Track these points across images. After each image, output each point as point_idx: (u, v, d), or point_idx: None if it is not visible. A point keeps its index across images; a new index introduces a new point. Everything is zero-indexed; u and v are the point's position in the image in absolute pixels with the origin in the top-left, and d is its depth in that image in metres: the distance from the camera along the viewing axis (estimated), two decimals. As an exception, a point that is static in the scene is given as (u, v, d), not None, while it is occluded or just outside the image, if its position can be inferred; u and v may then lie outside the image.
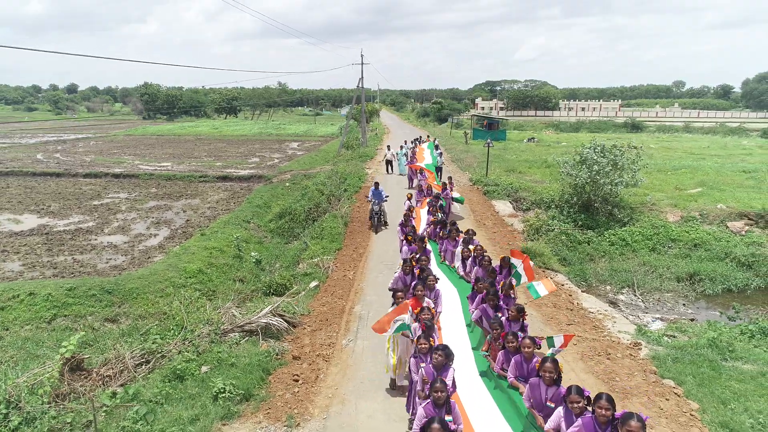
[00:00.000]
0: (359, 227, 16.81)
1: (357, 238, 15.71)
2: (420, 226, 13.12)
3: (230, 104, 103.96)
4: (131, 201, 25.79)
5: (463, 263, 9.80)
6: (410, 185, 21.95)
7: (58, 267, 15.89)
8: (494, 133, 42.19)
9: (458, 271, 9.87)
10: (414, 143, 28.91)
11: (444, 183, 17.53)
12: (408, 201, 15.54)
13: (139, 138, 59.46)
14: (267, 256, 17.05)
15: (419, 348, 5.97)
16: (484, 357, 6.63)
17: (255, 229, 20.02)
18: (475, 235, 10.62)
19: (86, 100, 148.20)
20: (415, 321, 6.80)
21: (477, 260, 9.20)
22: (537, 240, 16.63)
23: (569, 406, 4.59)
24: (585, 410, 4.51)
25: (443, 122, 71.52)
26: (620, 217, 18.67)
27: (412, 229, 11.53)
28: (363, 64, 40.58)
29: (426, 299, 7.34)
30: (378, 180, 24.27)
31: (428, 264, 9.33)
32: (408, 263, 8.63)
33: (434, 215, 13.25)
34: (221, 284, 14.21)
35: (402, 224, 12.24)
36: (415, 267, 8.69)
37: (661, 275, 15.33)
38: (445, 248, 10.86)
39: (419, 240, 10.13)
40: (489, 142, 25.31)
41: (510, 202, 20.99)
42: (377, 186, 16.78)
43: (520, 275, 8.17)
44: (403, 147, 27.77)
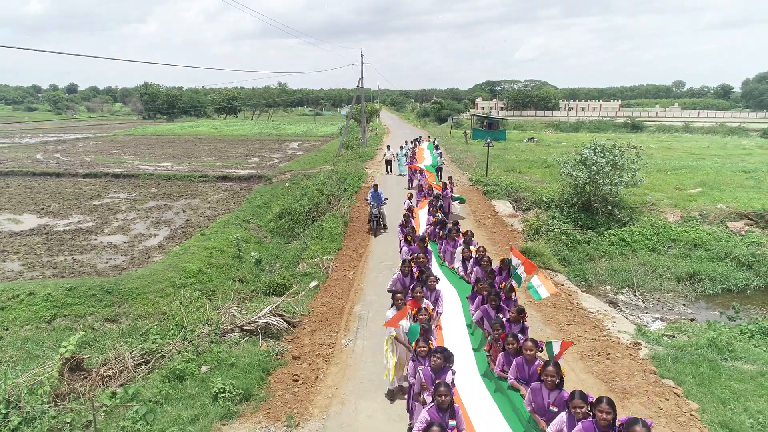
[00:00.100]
0: (359, 227, 16.81)
1: (357, 238, 15.72)
2: (419, 227, 13.10)
3: (230, 104, 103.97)
4: (131, 201, 25.79)
5: (464, 264, 9.71)
6: (410, 185, 21.95)
7: (58, 267, 15.89)
8: (494, 133, 42.21)
9: (458, 272, 9.77)
10: (414, 143, 28.93)
11: (444, 183, 17.50)
12: (408, 201, 15.52)
13: (139, 138, 59.46)
14: (267, 256, 17.05)
15: (418, 351, 5.91)
16: (485, 357, 6.58)
17: (255, 229, 20.02)
18: (474, 236, 10.60)
19: (86, 100, 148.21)
20: (413, 322, 6.72)
21: (477, 261, 9.15)
22: (537, 240, 16.64)
23: (572, 411, 4.55)
24: (588, 416, 4.48)
25: (443, 122, 71.55)
26: (620, 217, 18.67)
27: (412, 230, 11.45)
28: (363, 64, 40.63)
29: (425, 300, 7.25)
30: (378, 180, 24.19)
31: (428, 264, 9.26)
32: (406, 264, 8.52)
33: (434, 216, 13.13)
34: (221, 284, 14.21)
35: (402, 224, 12.19)
36: (414, 268, 8.60)
37: (661, 275, 15.33)
38: (444, 249, 10.80)
39: (420, 240, 9.98)
40: (489, 142, 25.33)
41: (510, 202, 21.00)
42: (376, 188, 16.28)
43: (520, 277, 8.11)
44: (404, 147, 27.78)
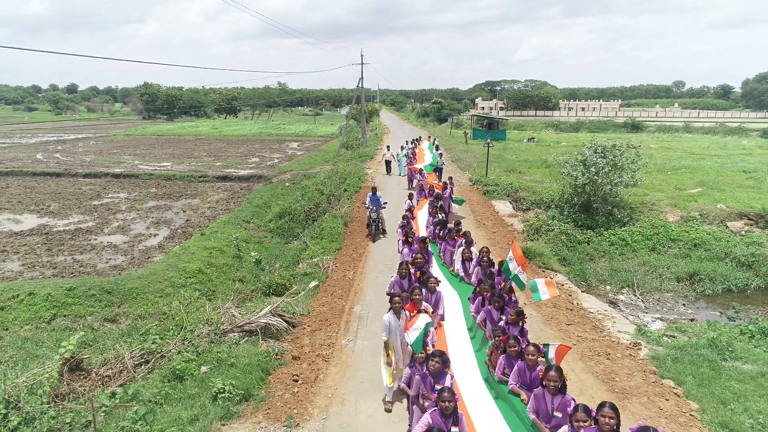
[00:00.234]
0: (359, 227, 16.80)
1: (357, 238, 15.71)
2: (419, 227, 13.07)
3: (230, 104, 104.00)
4: (131, 201, 25.78)
5: (464, 265, 9.57)
6: (410, 186, 21.94)
7: (58, 267, 15.88)
8: (494, 133, 42.22)
9: (459, 273, 9.64)
10: (414, 143, 28.96)
11: (444, 182, 17.50)
12: (409, 201, 15.50)
13: (139, 138, 59.46)
14: (267, 256, 17.04)
15: (415, 357, 5.80)
16: (485, 363, 6.43)
17: (255, 229, 20.01)
18: (471, 236, 10.53)
19: (86, 100, 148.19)
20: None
21: (479, 261, 9.05)
22: (537, 240, 16.63)
23: (575, 425, 4.42)
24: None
25: (443, 122, 71.57)
26: (620, 217, 18.66)
27: (411, 231, 11.39)
28: (363, 64, 40.65)
29: (424, 303, 7.10)
30: (377, 181, 24.20)
31: (428, 266, 9.14)
32: (404, 266, 8.31)
33: (434, 216, 12.99)
34: (221, 284, 14.20)
35: (402, 225, 12.12)
36: (413, 270, 8.42)
37: (661, 275, 15.32)
38: (444, 249, 10.75)
39: (421, 242, 9.73)
40: (489, 142, 25.32)
41: (510, 202, 21.00)
42: (375, 192, 15.75)
43: (520, 278, 8.04)
44: (404, 147, 27.79)
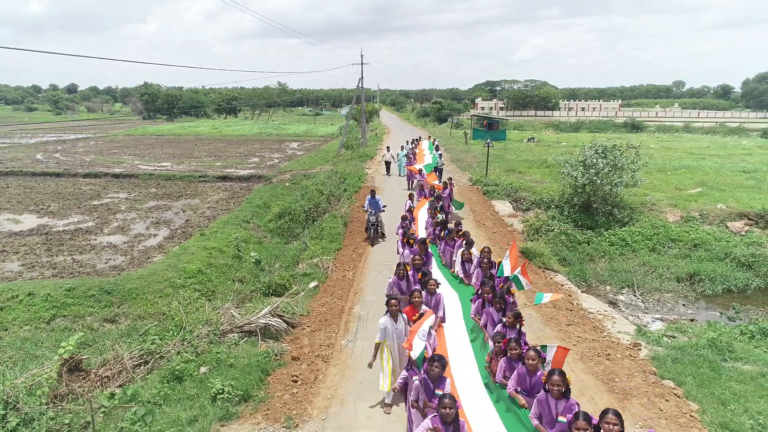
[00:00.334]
0: (359, 227, 16.78)
1: (356, 238, 15.70)
2: (419, 227, 13.04)
3: (230, 104, 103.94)
4: (131, 201, 25.78)
5: (463, 266, 9.48)
6: (410, 186, 21.93)
7: (58, 267, 15.87)
8: (494, 133, 42.21)
9: (458, 274, 9.56)
10: (413, 144, 28.97)
11: (444, 182, 17.49)
12: (409, 201, 15.47)
13: (139, 138, 59.46)
14: (266, 257, 17.03)
15: (412, 360, 5.70)
16: (486, 368, 6.31)
17: (254, 229, 20.00)
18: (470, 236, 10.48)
19: (86, 100, 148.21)
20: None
21: (480, 262, 8.99)
22: (537, 240, 16.62)
23: None
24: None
25: (443, 122, 71.56)
26: (620, 217, 18.65)
27: (411, 231, 11.33)
28: (363, 64, 40.65)
29: (423, 306, 7.01)
30: (377, 182, 24.16)
31: (427, 267, 9.06)
32: (401, 267, 8.19)
33: (433, 217, 12.83)
34: (220, 284, 14.19)
35: (402, 226, 12.06)
36: (411, 271, 8.32)
37: (661, 275, 15.32)
38: (444, 249, 10.71)
39: (420, 243, 9.62)
40: (489, 142, 25.31)
41: (510, 202, 20.99)
42: (373, 194, 15.45)
43: (519, 279, 8.04)
44: (404, 147, 27.78)
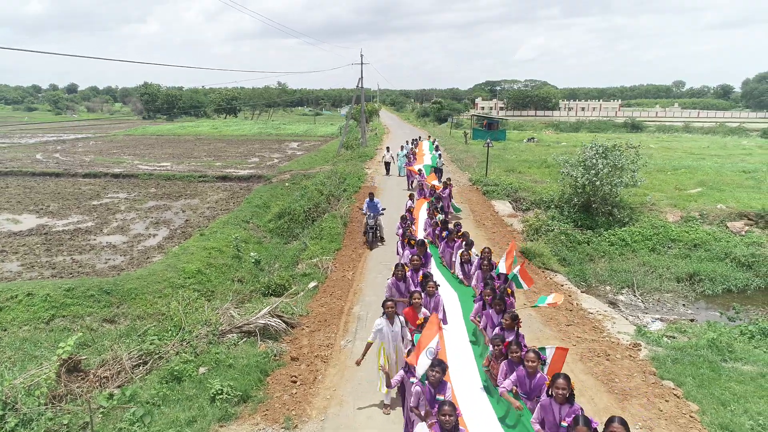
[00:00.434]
0: (358, 227, 16.75)
1: (356, 238, 15.68)
2: (418, 228, 13.02)
3: (230, 104, 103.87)
4: (130, 201, 25.76)
5: (462, 267, 9.42)
6: (410, 186, 21.92)
7: (57, 267, 15.85)
8: (494, 133, 42.19)
9: (458, 275, 9.52)
10: (413, 144, 28.97)
11: (445, 182, 17.50)
12: (409, 201, 15.46)
13: (139, 138, 59.43)
14: (266, 257, 17.01)
15: (409, 362, 5.61)
16: (485, 372, 6.20)
17: (254, 229, 19.99)
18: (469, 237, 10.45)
19: (86, 100, 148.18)
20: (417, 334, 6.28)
21: (480, 264, 8.93)
22: (536, 240, 16.60)
23: None
24: None
25: (443, 122, 71.52)
26: (620, 217, 18.63)
27: (411, 232, 11.29)
28: (362, 64, 40.61)
29: (423, 309, 6.93)
30: (377, 182, 24.12)
31: (426, 268, 9.01)
32: (399, 268, 8.14)
33: (432, 217, 12.73)
34: (220, 285, 14.17)
35: (401, 226, 11.98)
36: (409, 272, 8.25)
37: (661, 275, 15.30)
38: (443, 250, 10.67)
39: (419, 245, 9.53)
40: (489, 142, 25.28)
41: (509, 202, 20.97)
42: (372, 197, 15.10)
43: (519, 278, 8.04)
44: (404, 148, 27.76)
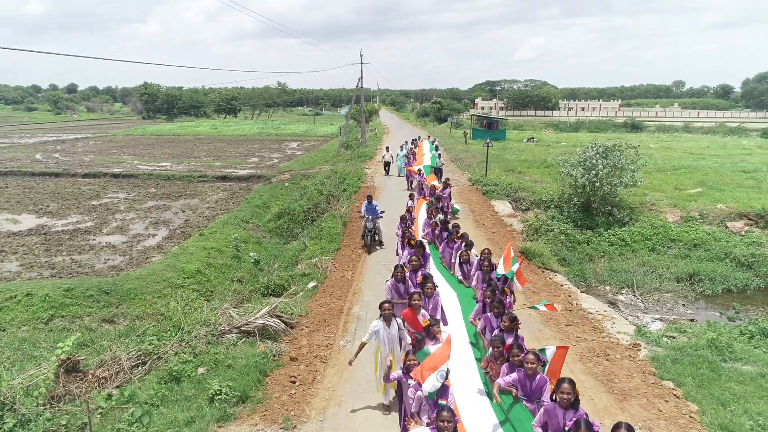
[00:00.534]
0: (358, 227, 16.74)
1: (356, 238, 15.66)
2: (418, 228, 12.99)
3: (230, 104, 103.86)
4: (130, 201, 25.74)
5: (462, 268, 9.37)
6: (409, 186, 21.90)
7: (56, 267, 15.84)
8: (494, 133, 42.18)
9: (457, 276, 9.47)
10: (413, 143, 28.95)
11: (445, 181, 17.50)
12: (410, 201, 15.46)
13: (139, 138, 59.42)
14: (265, 257, 17.00)
15: (407, 365, 5.49)
16: (485, 376, 6.08)
17: (254, 229, 19.97)
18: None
19: (86, 100, 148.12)
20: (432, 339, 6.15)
21: (480, 264, 8.90)
22: (536, 240, 16.59)
23: None
24: None
25: (443, 122, 71.49)
26: (620, 217, 18.60)
27: (411, 232, 11.26)
28: (362, 64, 40.64)
29: (422, 311, 6.88)
30: (377, 182, 24.07)
31: (425, 269, 8.97)
32: (399, 269, 8.09)
33: (431, 218, 12.61)
34: (219, 285, 14.16)
35: (401, 226, 11.93)
36: (408, 272, 8.20)
37: (661, 275, 15.28)
38: (443, 251, 10.64)
39: (418, 246, 9.49)
40: (488, 142, 25.26)
41: (509, 202, 20.95)
42: (370, 200, 14.75)
43: (513, 273, 8.04)
44: (403, 148, 27.74)
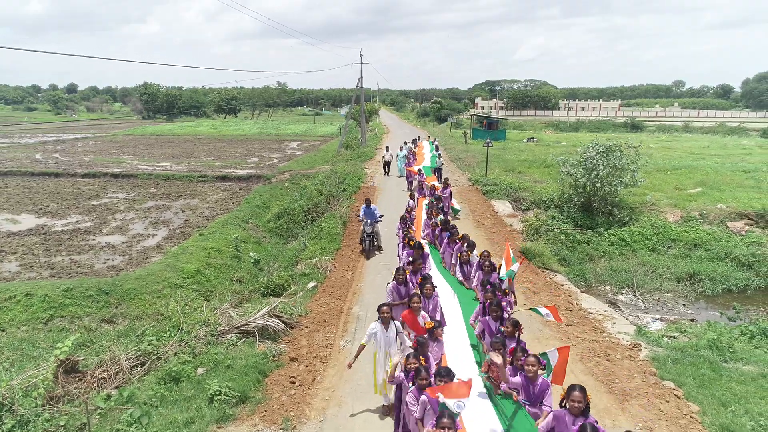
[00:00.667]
0: (358, 227, 16.72)
1: (356, 238, 15.62)
2: (419, 228, 12.96)
3: (230, 104, 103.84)
4: (130, 201, 25.72)
5: (461, 268, 9.34)
6: (409, 187, 21.87)
7: (56, 267, 15.81)
8: (494, 133, 42.17)
9: (457, 276, 9.47)
10: (413, 143, 28.94)
11: (445, 181, 17.49)
12: (411, 201, 15.43)
13: (139, 138, 59.38)
14: (265, 257, 16.97)
15: (407, 368, 5.41)
16: (485, 379, 5.96)
17: (253, 229, 19.95)
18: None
19: (86, 100, 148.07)
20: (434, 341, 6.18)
21: (480, 265, 8.86)
22: (536, 240, 16.57)
23: None
24: None
25: (443, 122, 71.48)
26: (620, 217, 18.59)
27: (410, 232, 11.24)
28: (362, 64, 40.62)
29: (422, 313, 6.83)
30: (376, 182, 24.03)
31: (425, 270, 8.94)
32: (401, 272, 8.02)
33: (431, 218, 12.58)
34: (219, 285, 14.14)
35: (401, 226, 11.92)
36: (409, 275, 8.15)
37: (661, 275, 15.26)
38: (444, 251, 10.62)
39: (417, 247, 9.42)
40: (488, 142, 25.23)
41: (509, 202, 20.92)
42: (369, 204, 14.37)
43: (514, 272, 8.02)
44: (403, 148, 27.72)
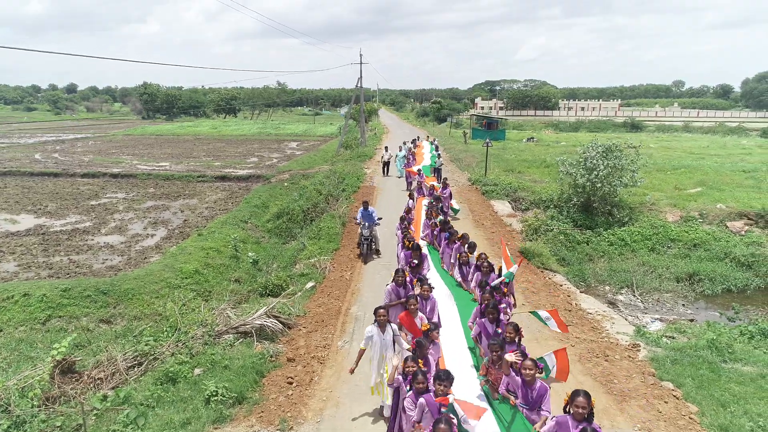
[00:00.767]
0: (357, 227, 16.69)
1: (355, 238, 15.60)
2: (418, 228, 12.94)
3: (229, 104, 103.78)
4: (129, 201, 25.69)
5: (461, 269, 9.31)
6: (408, 187, 21.84)
7: (54, 267, 15.79)
8: (493, 133, 42.17)
9: (456, 277, 9.43)
10: (413, 143, 28.92)
11: (445, 179, 17.49)
12: (410, 201, 15.41)
13: (138, 138, 59.35)
14: (264, 257, 16.94)
15: (405, 371, 5.37)
16: (484, 383, 5.98)
17: (252, 229, 19.92)
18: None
19: (86, 100, 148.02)
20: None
21: (478, 267, 8.82)
22: (536, 240, 16.54)
23: None
24: None
25: (442, 122, 71.49)
26: (619, 217, 18.57)
27: (410, 233, 11.21)
28: (362, 64, 40.59)
29: (419, 314, 6.81)
30: (376, 182, 24.01)
31: (423, 271, 8.91)
32: (400, 273, 7.97)
33: (430, 218, 12.56)
34: (217, 285, 14.11)
35: (400, 227, 11.89)
36: (409, 277, 8.10)
37: (661, 275, 15.24)
38: (443, 251, 10.60)
39: (415, 249, 9.37)
40: (488, 142, 25.22)
41: (509, 202, 20.90)
42: (366, 206, 14.02)
43: (512, 274, 8.00)
44: (402, 148, 27.68)
